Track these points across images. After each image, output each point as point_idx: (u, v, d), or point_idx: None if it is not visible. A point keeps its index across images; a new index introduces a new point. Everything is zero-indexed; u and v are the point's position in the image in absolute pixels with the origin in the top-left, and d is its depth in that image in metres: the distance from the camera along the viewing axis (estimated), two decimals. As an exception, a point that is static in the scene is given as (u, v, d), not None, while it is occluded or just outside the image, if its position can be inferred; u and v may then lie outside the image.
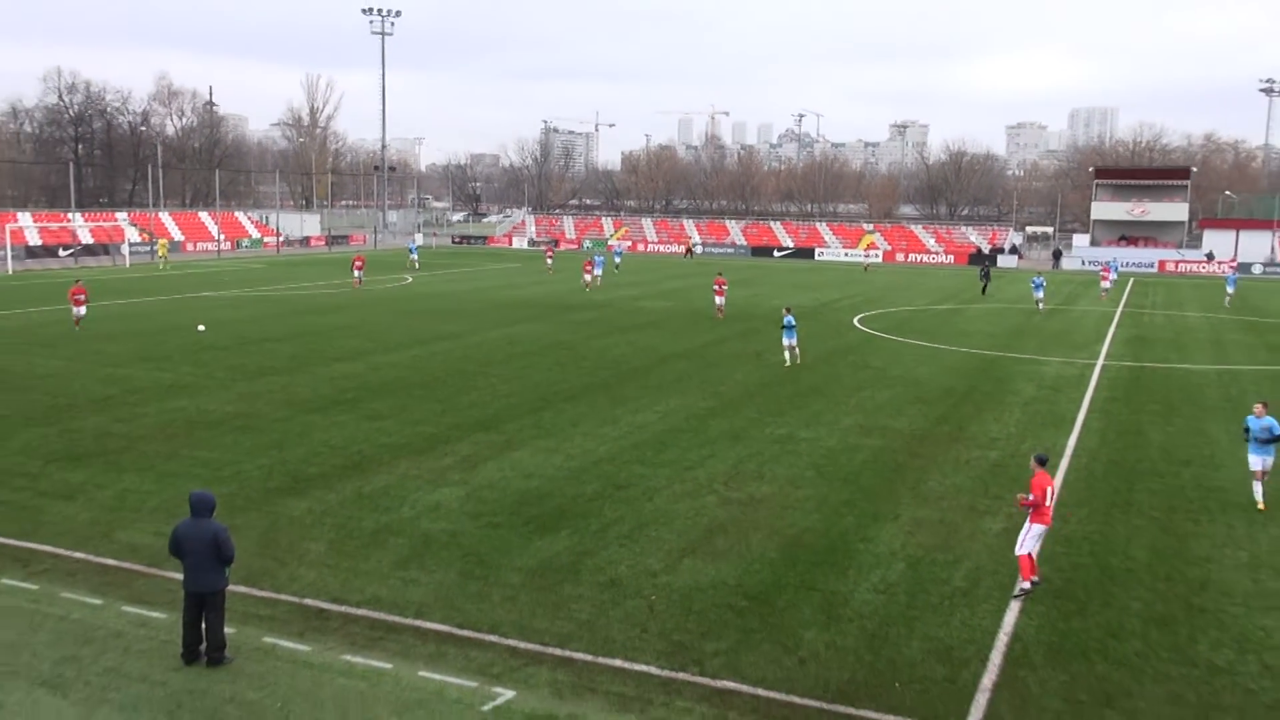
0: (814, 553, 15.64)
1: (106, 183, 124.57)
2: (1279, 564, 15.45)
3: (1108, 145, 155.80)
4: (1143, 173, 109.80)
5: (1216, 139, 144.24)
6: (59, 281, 58.89)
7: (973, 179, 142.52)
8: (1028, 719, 10.85)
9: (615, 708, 10.90)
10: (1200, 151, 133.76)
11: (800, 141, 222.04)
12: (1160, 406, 27.42)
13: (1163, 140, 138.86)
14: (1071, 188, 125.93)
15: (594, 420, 24.32)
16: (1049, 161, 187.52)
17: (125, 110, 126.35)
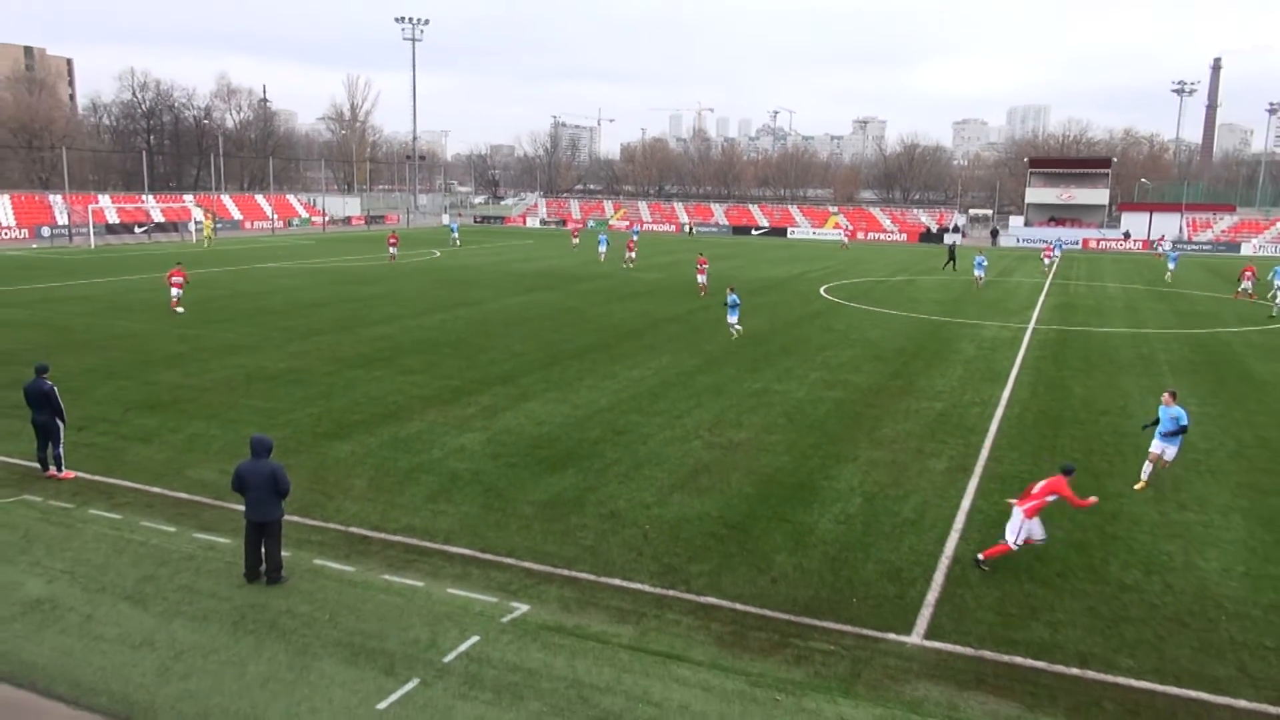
0: (784, 489, 15.70)
1: (175, 169, 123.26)
2: (1181, 499, 15.54)
3: (1040, 138, 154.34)
4: (1070, 162, 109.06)
5: (1135, 133, 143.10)
6: (135, 255, 58.55)
7: (924, 168, 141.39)
8: (965, 630, 10.95)
9: (615, 619, 10.98)
10: (1120, 144, 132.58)
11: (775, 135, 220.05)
12: (1082, 364, 27.43)
13: (1088, 134, 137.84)
14: (1009, 175, 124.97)
15: (597, 375, 24.29)
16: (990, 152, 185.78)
17: (190, 105, 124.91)
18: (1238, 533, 14.07)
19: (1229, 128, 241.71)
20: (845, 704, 9.33)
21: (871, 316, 37.02)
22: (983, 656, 10.35)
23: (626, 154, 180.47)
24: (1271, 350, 30.48)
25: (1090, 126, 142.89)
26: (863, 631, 10.86)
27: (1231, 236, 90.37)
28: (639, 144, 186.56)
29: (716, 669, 9.92)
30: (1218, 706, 9.46)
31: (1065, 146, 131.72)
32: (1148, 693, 9.69)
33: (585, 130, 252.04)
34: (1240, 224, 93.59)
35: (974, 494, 15.61)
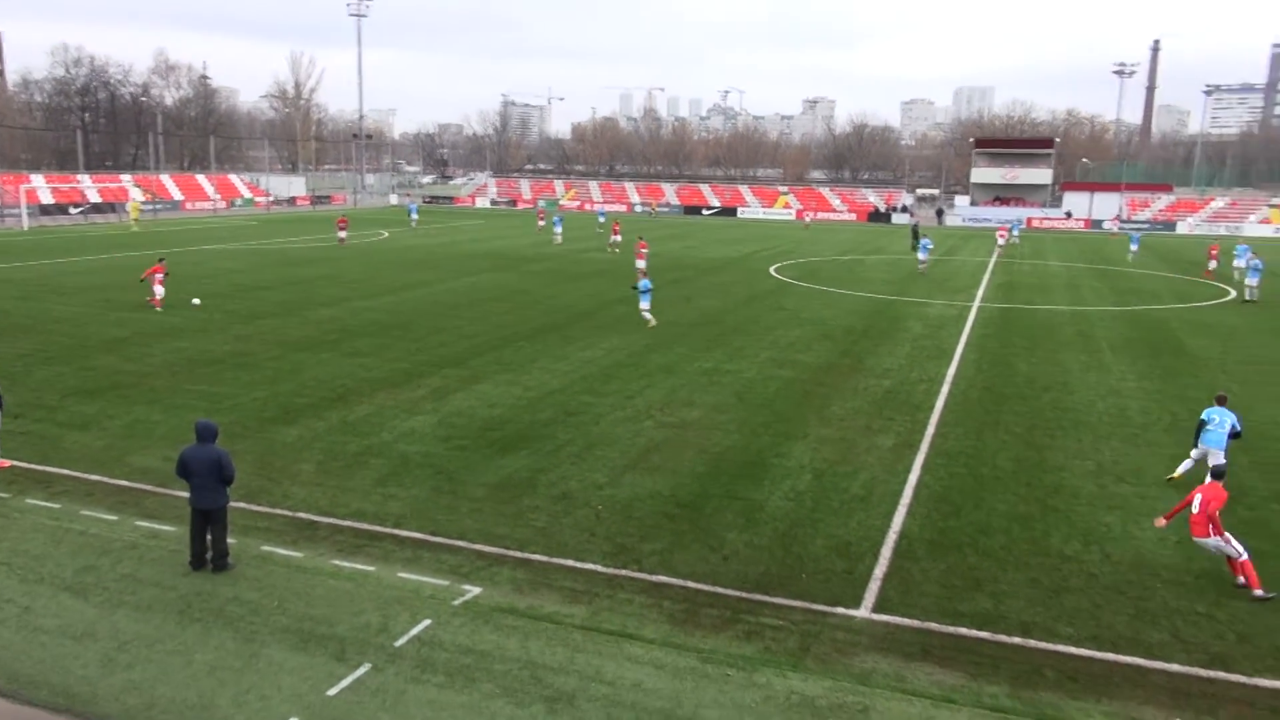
0: (735, 467, 15.82)
1: (111, 148, 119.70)
2: (1119, 472, 15.97)
3: (986, 119, 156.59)
4: (1014, 142, 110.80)
5: (1077, 114, 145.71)
6: (72, 236, 56.92)
7: (872, 148, 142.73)
8: (911, 603, 11.16)
9: (567, 600, 11.01)
10: (1063, 125, 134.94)
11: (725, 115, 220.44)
12: (1025, 341, 27.98)
13: (1032, 115, 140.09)
14: (955, 155, 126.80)
15: (548, 357, 24.21)
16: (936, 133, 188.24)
17: (127, 82, 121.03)
18: (1172, 503, 14.43)
19: (1167, 109, 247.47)
20: (795, 677, 9.48)
21: (821, 296, 37.36)
22: (929, 628, 10.57)
23: (577, 133, 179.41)
24: (1203, 326, 31.38)
25: (1034, 107, 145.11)
26: (813, 606, 11.01)
27: (1169, 216, 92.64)
28: (590, 123, 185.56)
29: (669, 646, 10.00)
30: (1152, 670, 9.78)
31: (1010, 127, 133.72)
32: (1086, 659, 9.98)
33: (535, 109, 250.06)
34: (1177, 203, 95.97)
35: (920, 470, 15.88)
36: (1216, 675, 9.69)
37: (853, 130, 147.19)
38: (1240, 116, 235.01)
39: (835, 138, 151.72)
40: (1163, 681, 9.58)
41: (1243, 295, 38.01)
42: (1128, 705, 9.12)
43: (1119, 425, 18.78)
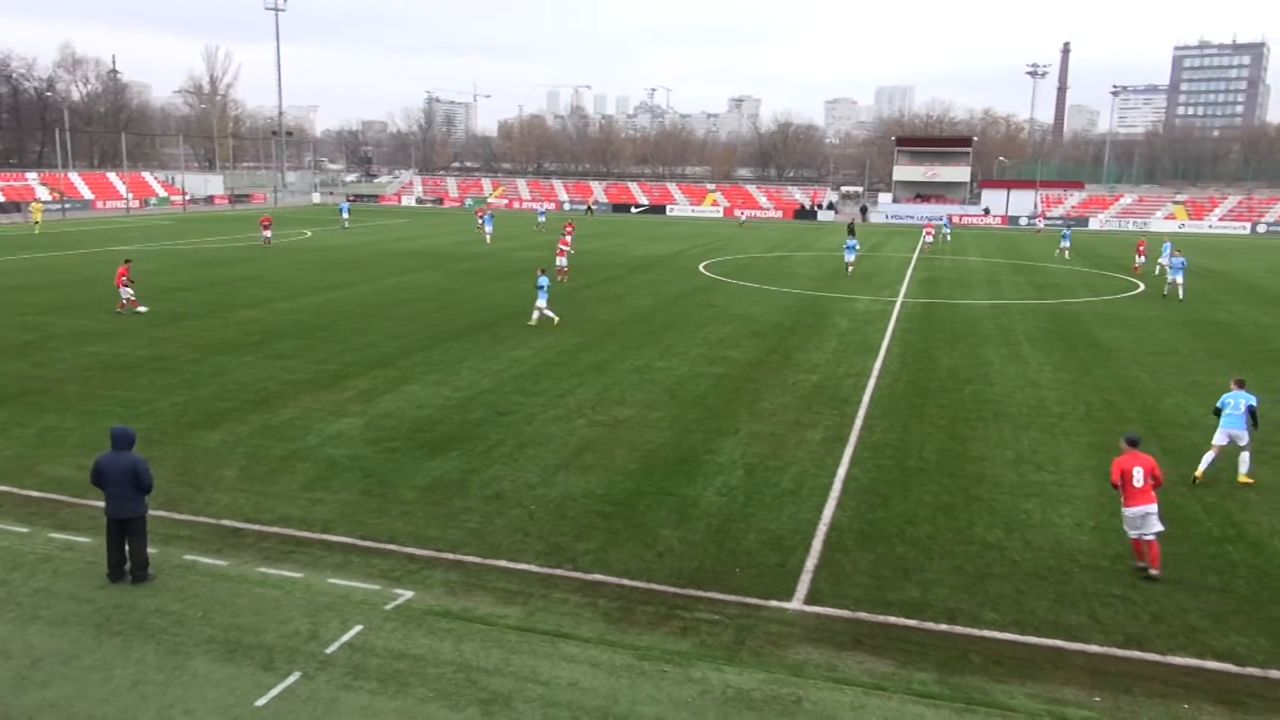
0: (668, 464, 15.90)
1: (15, 145, 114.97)
2: (1038, 460, 16.47)
3: (906, 118, 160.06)
4: (934, 141, 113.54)
5: (993, 113, 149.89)
6: (-28, 237, 54.46)
7: (797, 146, 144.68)
8: (842, 594, 11.36)
9: (501, 601, 10.94)
10: (980, 124, 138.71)
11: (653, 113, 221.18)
12: (947, 335, 28.68)
13: (950, 114, 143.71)
14: (878, 154, 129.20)
15: (478, 357, 24.00)
16: (859, 131, 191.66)
17: (30, 77, 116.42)
18: (1088, 490, 15.02)
19: (1078, 109, 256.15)
20: (730, 671, 9.57)
21: (750, 292, 37.74)
22: (859, 618, 10.77)
23: (504, 131, 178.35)
24: (1115, 319, 32.57)
25: (952, 107, 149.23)
26: (746, 600, 11.13)
27: (1081, 212, 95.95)
28: (517, 121, 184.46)
29: (604, 645, 10.01)
30: (1072, 652, 10.12)
31: (930, 126, 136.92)
32: (1010, 643, 10.28)
33: (461, 106, 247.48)
34: (1089, 200, 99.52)
35: (849, 462, 16.17)
36: (1132, 654, 10.08)
37: (778, 129, 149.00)
38: (1146, 116, 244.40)
39: (761, 136, 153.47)
40: (1082, 662, 9.93)
41: (1168, 292, 37.63)
42: (1050, 686, 9.43)
43: (1037, 415, 19.38)
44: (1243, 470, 15.46)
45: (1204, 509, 14.22)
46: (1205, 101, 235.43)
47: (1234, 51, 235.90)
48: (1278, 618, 10.87)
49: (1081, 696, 9.26)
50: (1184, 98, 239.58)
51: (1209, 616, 10.89)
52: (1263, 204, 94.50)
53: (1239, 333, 30.00)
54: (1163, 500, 14.53)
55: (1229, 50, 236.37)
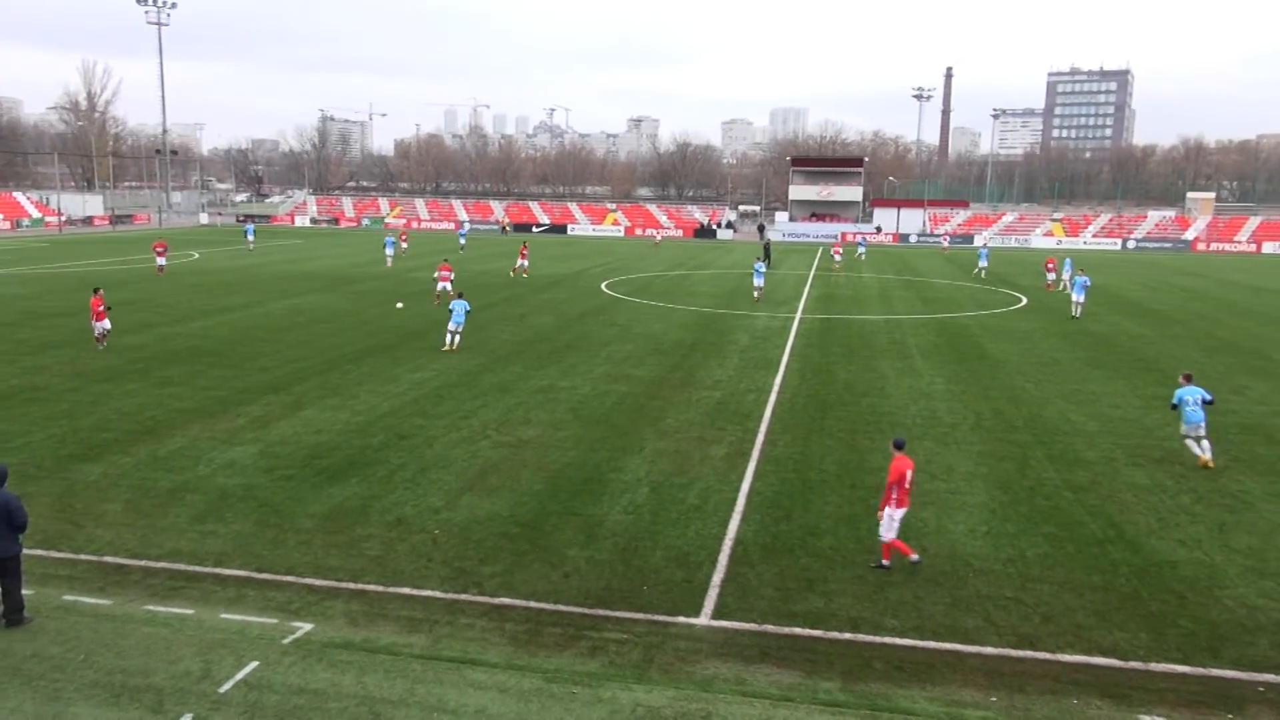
0: (574, 483, 15.84)
1: None
2: (932, 470, 17.00)
3: (801, 139, 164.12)
4: (828, 161, 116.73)
5: (883, 135, 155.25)
6: None
7: (696, 166, 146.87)
8: (748, 606, 11.49)
9: (406, 629, 10.69)
10: (870, 145, 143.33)
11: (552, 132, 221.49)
12: (844, 350, 29.42)
13: (842, 135, 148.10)
14: (774, 174, 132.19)
15: (377, 379, 23.50)
16: (756, 151, 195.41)
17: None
18: (980, 497, 15.59)
19: (961, 131, 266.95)
20: (640, 690, 9.56)
21: (652, 311, 38.02)
22: (766, 630, 10.90)
23: (401, 150, 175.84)
24: (1002, 332, 33.98)
25: (844, 128, 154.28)
26: (654, 617, 11.15)
27: (967, 229, 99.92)
28: (414, 140, 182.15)
29: (512, 669, 9.88)
30: (968, 655, 10.45)
31: (823, 146, 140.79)
32: (910, 649, 10.56)
33: (356, 125, 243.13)
34: (973, 218, 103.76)
35: (752, 477, 16.40)
36: (1025, 654, 10.47)
37: (677, 149, 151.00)
38: (1024, 139, 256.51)
39: (660, 156, 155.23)
40: (978, 664, 10.26)
41: (1070, 312, 37.79)
42: (949, 689, 9.71)
43: (930, 426, 20.03)
44: (1206, 455, 17.24)
45: (1087, 512, 14.90)
46: (1077, 125, 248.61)
47: (1102, 78, 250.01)
48: (1156, 613, 11.45)
49: (979, 697, 9.57)
50: (1058, 121, 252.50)
51: (1094, 614, 11.40)
52: (1132, 221, 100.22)
53: (1114, 343, 31.65)
54: (1048, 505, 15.24)
55: (1097, 77, 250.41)
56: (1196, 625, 11.14)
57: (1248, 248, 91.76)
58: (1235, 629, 11.06)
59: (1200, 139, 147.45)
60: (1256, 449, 18.60)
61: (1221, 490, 16.04)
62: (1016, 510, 14.93)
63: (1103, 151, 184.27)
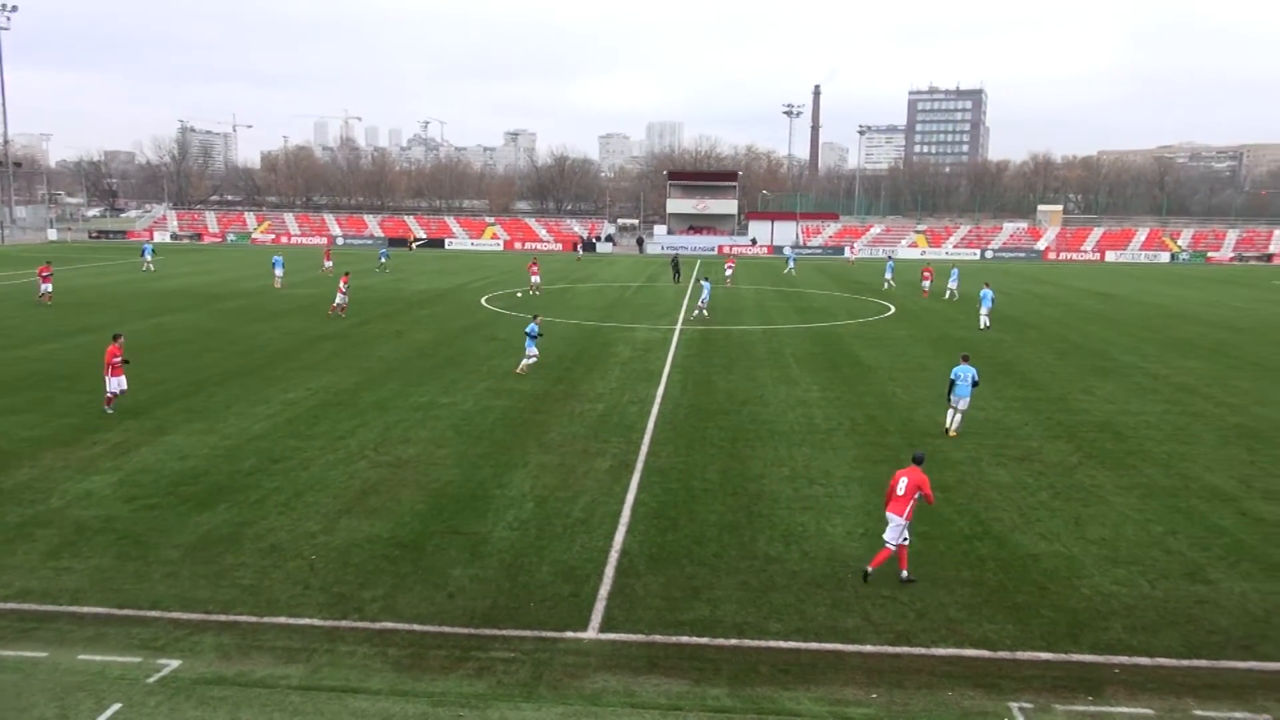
0: (457, 501, 15.57)
1: None
2: (811, 475, 17.46)
3: (676, 153, 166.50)
4: (703, 175, 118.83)
5: (755, 150, 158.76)
6: None
7: (574, 179, 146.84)
8: (636, 617, 11.51)
9: (282, 660, 10.27)
10: (744, 159, 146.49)
11: (427, 145, 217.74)
12: (724, 360, 29.94)
13: (717, 150, 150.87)
14: (651, 187, 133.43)
15: (246, 401, 22.57)
16: (633, 165, 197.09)
17: None
18: (857, 499, 16.08)
19: (830, 146, 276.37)
20: (528, 708, 9.44)
21: (533, 324, 37.72)
22: (654, 641, 10.95)
23: (268, 163, 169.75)
24: (873, 339, 35.23)
25: (719, 143, 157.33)
26: (542, 634, 11.05)
27: (837, 241, 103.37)
28: (282, 152, 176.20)
29: (396, 695, 9.61)
30: (849, 654, 10.75)
31: (698, 160, 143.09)
32: (794, 651, 10.79)
33: (219, 136, 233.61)
34: (843, 230, 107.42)
35: (637, 488, 16.47)
36: (902, 650, 10.84)
37: (554, 162, 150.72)
38: (889, 154, 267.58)
39: (539, 170, 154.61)
40: (859, 662, 10.57)
41: (985, 325, 37.85)
42: (832, 689, 9.97)
43: (808, 432, 20.57)
44: (954, 427, 20.30)
45: (955, 510, 15.57)
46: (937, 140, 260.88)
47: (958, 97, 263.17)
48: (1022, 604, 12.05)
49: (860, 695, 9.85)
50: (919, 137, 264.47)
51: (965, 609, 11.90)
52: (989, 232, 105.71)
53: (976, 347, 33.15)
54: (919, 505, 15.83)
55: (954, 95, 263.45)
56: (1058, 614, 11.77)
57: (1092, 256, 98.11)
58: (1092, 615, 11.74)
59: (1048, 155, 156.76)
60: (1106, 445, 19.82)
61: (1077, 485, 17.03)
62: (891, 511, 15.46)
63: (961, 166, 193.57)
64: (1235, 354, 32.54)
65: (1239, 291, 59.96)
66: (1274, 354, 32.70)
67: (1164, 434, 20.87)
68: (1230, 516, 15.45)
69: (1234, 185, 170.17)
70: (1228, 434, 20.93)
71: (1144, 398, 24.73)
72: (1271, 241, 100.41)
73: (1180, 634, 11.28)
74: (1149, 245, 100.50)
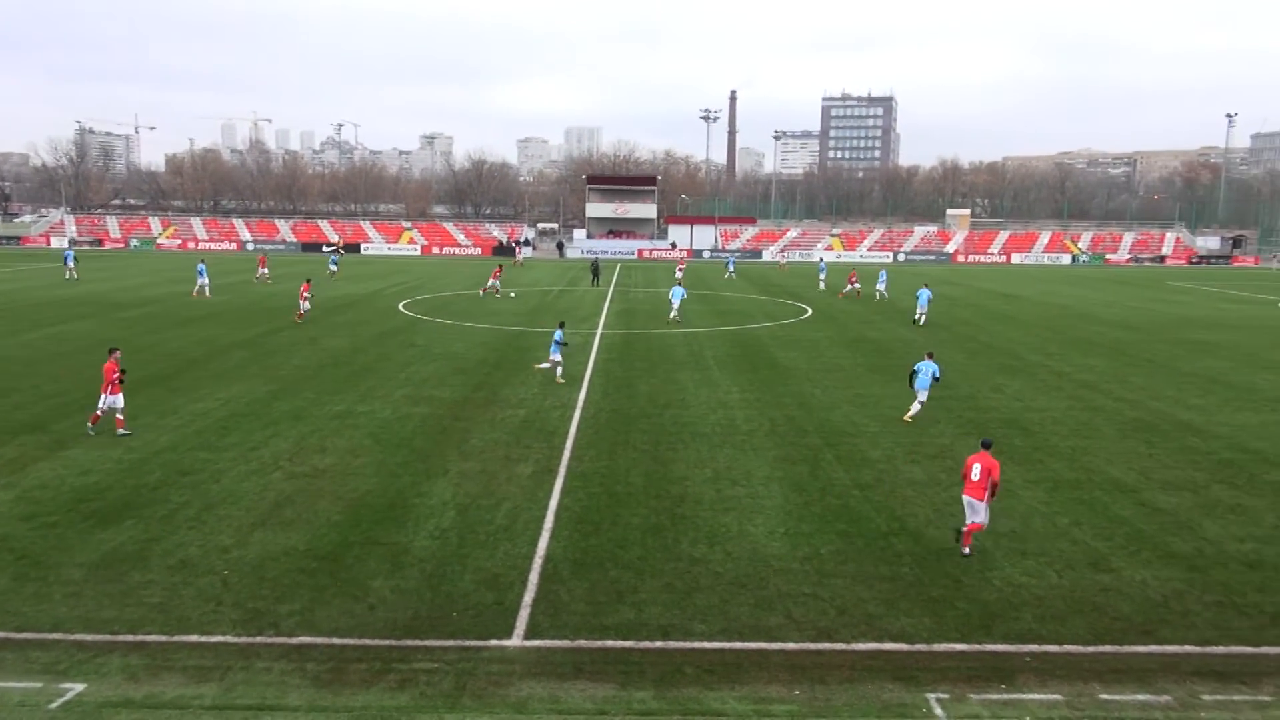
0: (376, 511, 15.29)
1: None
2: (733, 476, 17.64)
3: (595, 157, 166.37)
4: (622, 180, 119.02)
5: (674, 154, 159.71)
6: None
7: (492, 183, 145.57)
8: (561, 623, 11.47)
9: (194, 680, 9.93)
10: (663, 164, 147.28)
11: (341, 148, 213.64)
12: (645, 364, 30.04)
13: (635, 154, 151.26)
14: (570, 191, 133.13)
15: (153, 412, 21.78)
16: (552, 169, 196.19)
17: None
18: (777, 499, 16.31)
19: (747, 151, 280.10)
20: (452, 719, 9.31)
21: (453, 330, 37.36)
22: (579, 646, 10.92)
23: (174, 166, 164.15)
24: (790, 341, 35.79)
25: (637, 147, 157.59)
26: (465, 643, 10.92)
27: (755, 245, 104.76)
28: (188, 155, 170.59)
29: (315, 711, 9.38)
30: (773, 651, 10.89)
31: (617, 165, 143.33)
32: (719, 651, 10.88)
33: (120, 138, 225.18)
34: (760, 234, 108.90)
35: (560, 493, 16.41)
36: (824, 647, 11.03)
37: (472, 166, 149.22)
38: (804, 159, 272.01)
39: (456, 173, 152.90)
40: (782, 660, 10.71)
41: (920, 320, 40.48)
42: (756, 687, 10.08)
43: (729, 434, 20.78)
44: (910, 414, 22.25)
45: (873, 508, 15.91)
46: (850, 146, 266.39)
47: (870, 104, 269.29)
48: (937, 598, 12.37)
49: (783, 693, 9.98)
50: (833, 143, 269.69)
51: (883, 604, 12.17)
52: (901, 235, 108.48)
53: (890, 348, 34.04)
54: (838, 504, 16.16)
55: (866, 102, 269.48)
56: (971, 606, 12.12)
57: (999, 259, 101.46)
58: (1004, 606, 12.13)
59: (956, 160, 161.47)
60: (1015, 441, 20.50)
61: (987, 480, 17.56)
62: (810, 510, 15.74)
63: (873, 171, 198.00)
64: (1132, 351, 34.03)
65: (1135, 291, 62.77)
66: (1167, 351, 34.31)
67: (1068, 429, 21.69)
68: (1130, 507, 16.14)
69: (1129, 190, 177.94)
70: (1126, 428, 21.86)
71: (1049, 395, 25.66)
72: (1164, 244, 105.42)
73: (1086, 621, 11.73)
74: (1051, 248, 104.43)
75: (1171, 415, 23.33)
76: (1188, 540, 14.59)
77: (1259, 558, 13.91)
